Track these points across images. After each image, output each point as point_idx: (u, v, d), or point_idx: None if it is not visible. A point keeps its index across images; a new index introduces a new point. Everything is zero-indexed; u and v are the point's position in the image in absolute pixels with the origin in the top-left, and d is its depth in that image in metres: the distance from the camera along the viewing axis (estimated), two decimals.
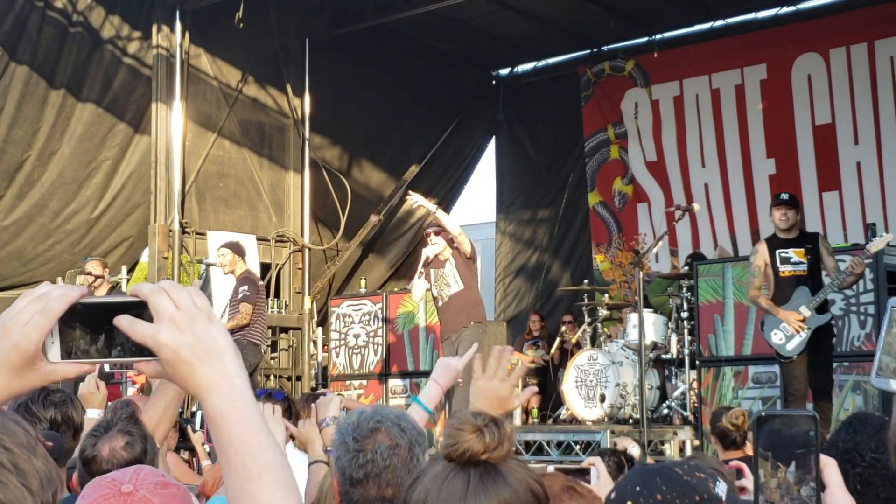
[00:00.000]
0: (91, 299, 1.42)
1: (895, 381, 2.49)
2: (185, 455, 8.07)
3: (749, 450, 6.13)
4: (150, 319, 1.40)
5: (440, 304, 10.01)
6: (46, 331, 1.39)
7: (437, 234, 9.90)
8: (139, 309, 1.41)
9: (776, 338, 8.61)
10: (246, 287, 10.80)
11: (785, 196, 8.84)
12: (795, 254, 8.61)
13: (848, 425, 3.18)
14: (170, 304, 1.40)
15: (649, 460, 6.90)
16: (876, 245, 8.61)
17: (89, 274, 10.58)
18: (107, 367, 4.45)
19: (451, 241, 9.87)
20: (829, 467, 1.46)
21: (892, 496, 3.02)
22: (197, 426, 7.50)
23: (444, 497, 1.83)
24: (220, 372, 1.40)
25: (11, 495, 1.24)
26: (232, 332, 10.56)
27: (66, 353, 1.42)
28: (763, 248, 8.86)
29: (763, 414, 1.45)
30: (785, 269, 8.66)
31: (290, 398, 5.96)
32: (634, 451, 6.59)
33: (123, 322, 1.39)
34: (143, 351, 1.41)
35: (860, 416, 3.05)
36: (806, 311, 8.53)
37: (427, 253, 9.95)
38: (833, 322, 8.98)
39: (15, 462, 1.26)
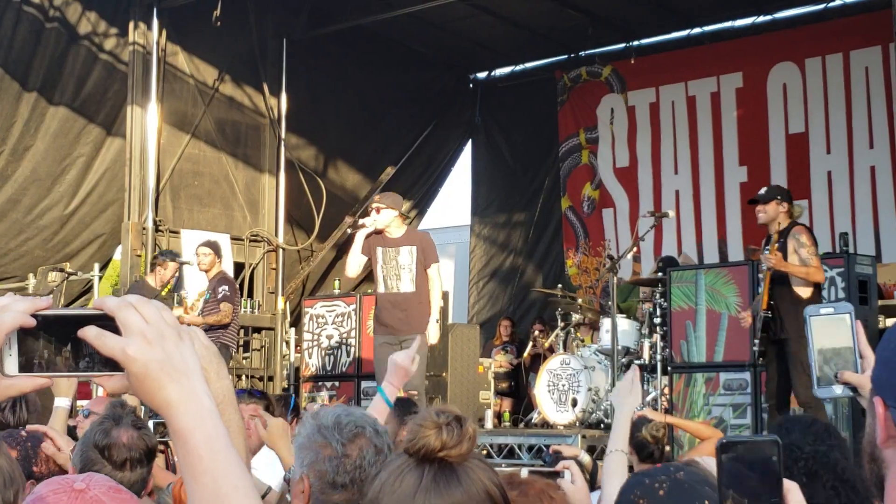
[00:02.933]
0: (52, 311, 1.37)
1: (837, 388, 2.53)
2: (161, 447, 8.03)
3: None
4: (115, 333, 1.36)
5: (381, 289, 9.09)
6: None
7: (380, 210, 9.04)
8: (103, 322, 1.37)
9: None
10: (226, 287, 10.89)
11: (759, 194, 8.52)
12: (770, 250, 8.35)
13: (779, 427, 3.34)
14: (138, 319, 1.37)
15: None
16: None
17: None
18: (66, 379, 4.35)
19: (404, 220, 9.05)
20: (793, 492, 1.46)
21: (837, 484, 3.10)
22: None
23: (396, 490, 1.83)
24: (188, 389, 1.38)
25: None
26: (211, 329, 10.59)
27: (26, 366, 1.37)
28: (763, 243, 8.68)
29: (724, 441, 1.44)
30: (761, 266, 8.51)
31: (269, 397, 5.96)
32: (584, 458, 6.59)
33: (91, 333, 1.36)
34: (109, 364, 1.37)
35: (790, 418, 3.16)
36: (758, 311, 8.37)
37: (366, 222, 9.03)
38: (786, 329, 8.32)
39: None
